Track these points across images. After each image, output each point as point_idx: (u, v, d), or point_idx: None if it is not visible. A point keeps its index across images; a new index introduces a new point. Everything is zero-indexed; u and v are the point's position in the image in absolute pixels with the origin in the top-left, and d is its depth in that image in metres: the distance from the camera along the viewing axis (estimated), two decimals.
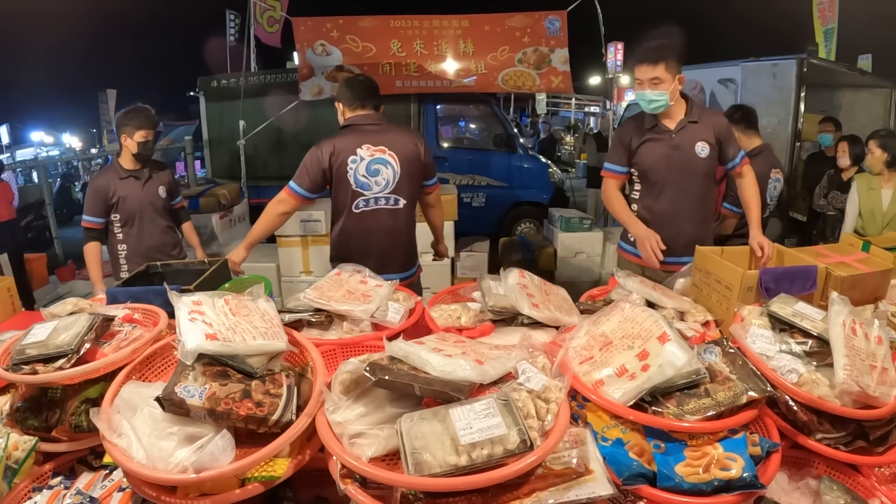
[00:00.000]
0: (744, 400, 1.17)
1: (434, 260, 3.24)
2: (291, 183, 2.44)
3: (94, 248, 3.01)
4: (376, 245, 2.50)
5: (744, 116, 3.22)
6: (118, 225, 3.03)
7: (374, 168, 2.43)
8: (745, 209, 2.47)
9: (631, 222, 2.47)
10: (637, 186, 2.57)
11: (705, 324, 1.73)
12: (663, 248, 2.31)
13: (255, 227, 2.49)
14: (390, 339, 1.21)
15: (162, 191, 3.12)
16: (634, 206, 2.58)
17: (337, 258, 2.49)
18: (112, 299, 1.78)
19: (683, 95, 2.44)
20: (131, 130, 2.95)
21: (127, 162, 3.01)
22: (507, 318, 1.64)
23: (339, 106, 2.53)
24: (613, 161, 2.56)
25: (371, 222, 2.48)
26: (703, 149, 2.41)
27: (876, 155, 3.52)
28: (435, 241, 2.95)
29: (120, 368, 1.30)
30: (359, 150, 2.41)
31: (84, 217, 3.00)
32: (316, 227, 4.37)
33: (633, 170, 2.54)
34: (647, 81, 2.31)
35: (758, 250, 2.13)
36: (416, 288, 2.66)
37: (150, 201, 3.06)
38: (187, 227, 3.39)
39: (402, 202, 2.50)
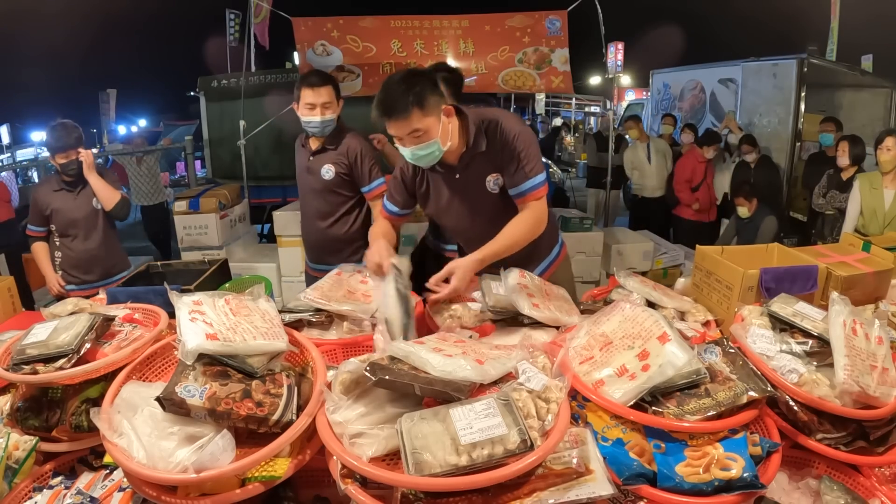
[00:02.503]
0: (744, 400, 1.17)
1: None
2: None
3: (40, 246, 3.09)
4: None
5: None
6: (57, 235, 3.08)
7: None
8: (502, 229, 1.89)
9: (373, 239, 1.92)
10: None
11: (706, 323, 1.73)
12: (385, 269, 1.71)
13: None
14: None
15: (96, 202, 3.03)
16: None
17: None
18: (112, 299, 1.79)
19: (460, 118, 1.87)
20: (52, 153, 2.93)
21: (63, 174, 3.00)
22: (508, 318, 1.64)
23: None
24: (392, 201, 2.08)
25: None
26: (494, 183, 1.92)
27: (893, 153, 3.48)
28: None
29: (120, 368, 1.30)
30: None
31: (28, 226, 3.11)
32: None
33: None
34: (407, 138, 1.74)
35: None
36: None
37: (85, 214, 3.02)
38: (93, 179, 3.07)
39: None
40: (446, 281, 1.71)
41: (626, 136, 6.69)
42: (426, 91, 1.69)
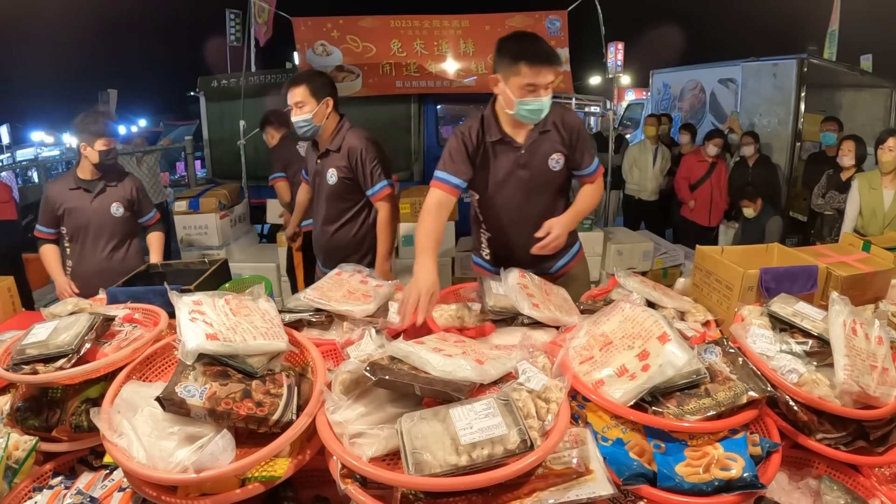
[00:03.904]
0: (744, 400, 1.17)
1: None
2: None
3: (50, 249, 2.80)
4: None
5: None
6: (66, 239, 2.81)
7: None
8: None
9: (421, 253, 1.80)
10: (476, 204, 2.22)
11: (705, 323, 1.73)
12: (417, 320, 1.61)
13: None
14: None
15: (115, 207, 2.80)
16: (485, 227, 2.23)
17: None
18: (112, 299, 1.79)
19: None
20: (90, 138, 2.68)
21: (84, 172, 2.76)
22: (508, 318, 1.64)
23: (332, 102, 2.55)
24: (447, 169, 2.03)
25: None
26: (556, 162, 2.06)
27: (895, 153, 3.47)
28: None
29: (120, 368, 1.31)
30: None
31: (37, 226, 2.81)
32: None
33: (472, 192, 2.18)
34: (543, 87, 1.88)
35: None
36: None
37: (97, 219, 2.77)
38: (152, 238, 3.01)
39: None
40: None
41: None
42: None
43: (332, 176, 2.57)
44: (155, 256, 2.94)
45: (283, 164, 3.98)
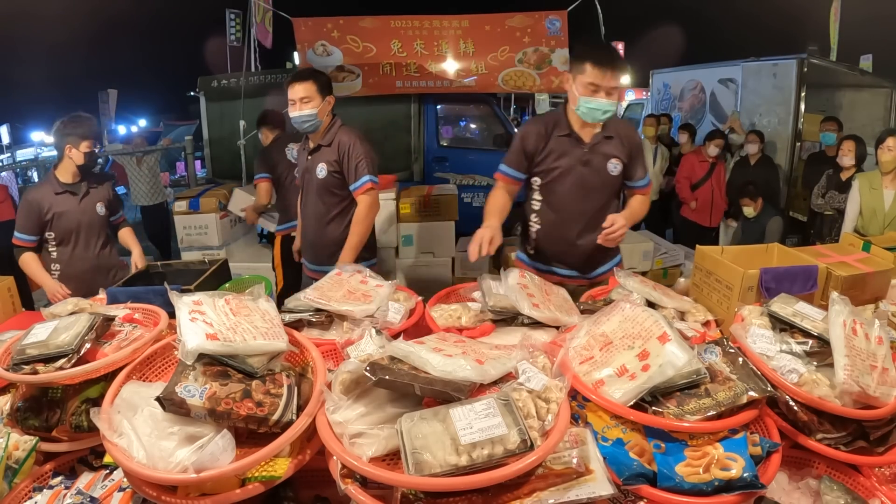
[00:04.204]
0: (744, 400, 1.17)
1: None
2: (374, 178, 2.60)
3: (31, 256, 2.77)
4: None
5: None
6: (53, 243, 2.80)
7: None
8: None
9: (489, 216, 2.14)
10: (536, 196, 2.33)
11: (706, 323, 1.73)
12: (489, 251, 1.97)
13: (363, 229, 2.61)
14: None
15: (100, 207, 2.88)
16: (536, 219, 2.34)
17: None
18: (112, 299, 1.79)
19: None
20: (76, 140, 2.73)
21: (65, 175, 2.79)
22: (508, 318, 1.64)
23: (332, 101, 2.61)
24: (510, 164, 2.28)
25: None
26: (615, 166, 2.21)
27: (895, 153, 3.47)
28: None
29: (120, 368, 1.31)
30: None
31: (15, 234, 2.75)
32: None
33: (534, 177, 2.30)
34: (606, 90, 2.04)
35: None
36: None
37: (87, 219, 2.83)
38: (125, 233, 3.10)
39: None
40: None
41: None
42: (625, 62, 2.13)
43: (321, 170, 2.61)
44: (136, 249, 3.01)
45: (269, 165, 3.93)
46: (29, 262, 2.78)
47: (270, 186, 3.91)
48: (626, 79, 2.33)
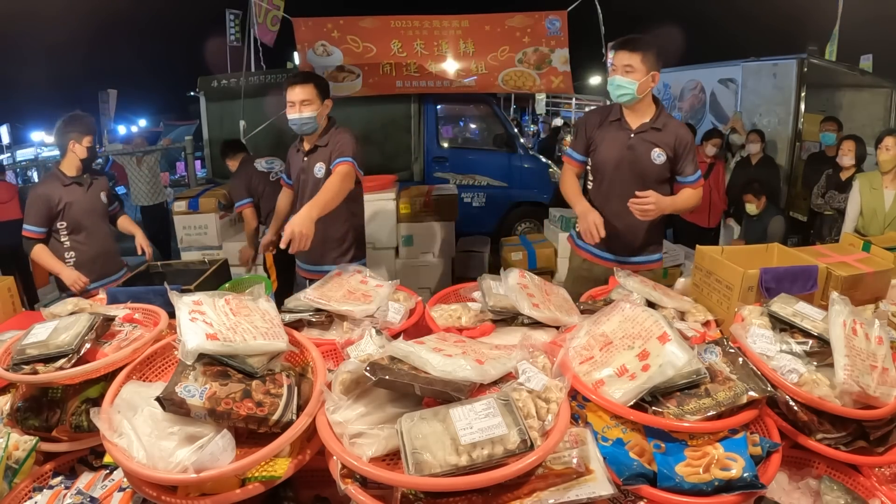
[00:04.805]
0: (744, 400, 1.17)
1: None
2: (353, 159, 2.52)
3: (43, 248, 2.93)
4: None
5: None
6: (65, 233, 2.97)
7: None
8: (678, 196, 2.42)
9: (575, 200, 2.42)
10: (590, 178, 2.55)
11: (706, 323, 1.73)
12: (602, 233, 2.25)
13: (329, 196, 2.37)
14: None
15: (103, 196, 3.11)
16: (587, 198, 2.54)
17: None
18: (112, 299, 1.79)
19: (655, 100, 2.43)
20: (79, 136, 2.95)
21: (70, 169, 2.98)
22: (508, 318, 1.64)
23: (329, 104, 2.60)
24: (573, 147, 2.60)
25: None
26: (659, 155, 2.37)
27: (893, 152, 3.47)
28: None
29: (120, 368, 1.31)
30: None
31: (25, 227, 2.91)
32: None
33: (589, 160, 2.53)
34: (621, 67, 2.30)
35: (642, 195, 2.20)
36: None
37: (94, 207, 3.05)
38: (124, 220, 3.30)
39: None
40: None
41: None
42: (657, 53, 2.31)
43: (319, 170, 2.61)
44: (139, 233, 3.20)
45: (246, 188, 3.91)
46: (41, 253, 2.92)
47: (254, 212, 3.94)
48: (650, 63, 2.41)
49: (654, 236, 2.51)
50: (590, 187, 2.55)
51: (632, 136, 2.38)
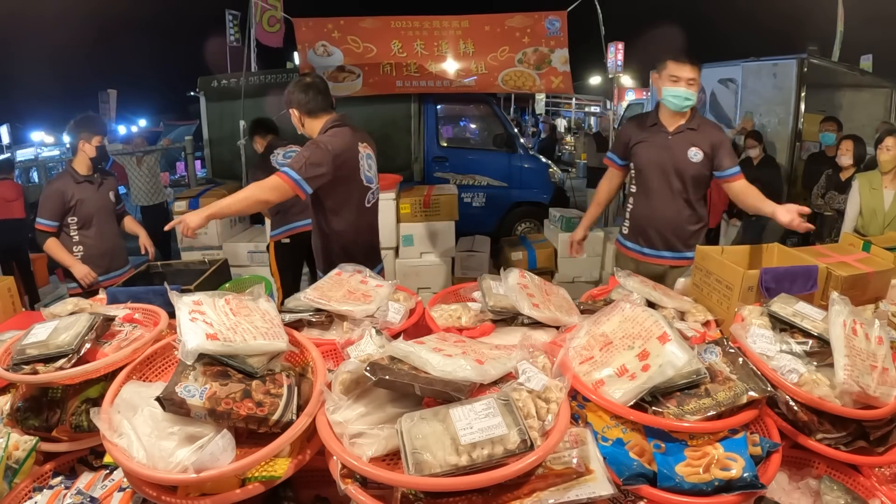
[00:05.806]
0: (744, 400, 1.17)
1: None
2: (293, 173, 2.18)
3: (55, 241, 3.09)
4: (376, 237, 2.63)
5: None
6: (75, 228, 3.14)
7: (370, 163, 2.45)
8: (758, 203, 2.44)
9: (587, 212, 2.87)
10: (633, 182, 2.72)
11: (706, 324, 1.73)
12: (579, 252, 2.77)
13: (233, 201, 2.15)
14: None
15: (112, 195, 3.28)
16: (631, 201, 2.74)
17: (344, 254, 2.34)
18: (112, 299, 1.79)
19: None
20: (89, 136, 3.11)
21: (82, 168, 3.14)
22: (508, 318, 1.64)
23: (297, 113, 2.38)
24: (613, 151, 2.81)
25: (374, 217, 2.58)
26: (695, 154, 2.52)
27: (893, 153, 3.46)
28: None
29: (120, 368, 1.31)
30: (359, 146, 2.38)
31: (38, 220, 3.08)
32: None
33: (632, 166, 2.70)
34: (686, 80, 2.44)
35: (794, 212, 2.06)
36: None
37: (104, 205, 3.21)
38: (128, 220, 3.47)
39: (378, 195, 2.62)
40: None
41: None
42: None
43: None
44: (143, 233, 3.38)
45: (266, 172, 3.91)
46: (53, 246, 3.07)
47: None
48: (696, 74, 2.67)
49: (699, 229, 2.65)
50: (633, 190, 2.71)
51: (669, 137, 2.55)
